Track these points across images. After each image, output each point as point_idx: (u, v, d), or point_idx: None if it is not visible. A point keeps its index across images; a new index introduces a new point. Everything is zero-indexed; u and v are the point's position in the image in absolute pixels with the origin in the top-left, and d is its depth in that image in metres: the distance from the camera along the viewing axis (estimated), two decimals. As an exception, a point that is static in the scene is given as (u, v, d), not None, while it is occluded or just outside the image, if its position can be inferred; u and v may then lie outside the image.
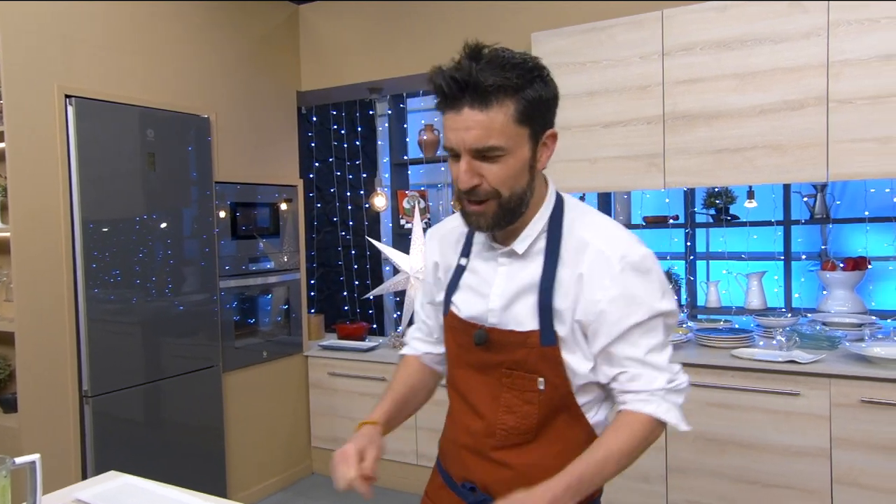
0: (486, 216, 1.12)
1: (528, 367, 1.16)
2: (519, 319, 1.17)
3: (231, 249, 3.37)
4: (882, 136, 2.41)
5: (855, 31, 2.43)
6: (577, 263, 1.14)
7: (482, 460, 1.22)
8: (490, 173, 1.09)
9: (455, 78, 1.04)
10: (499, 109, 1.05)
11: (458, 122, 1.07)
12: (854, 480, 2.43)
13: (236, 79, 3.42)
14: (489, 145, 1.06)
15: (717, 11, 2.65)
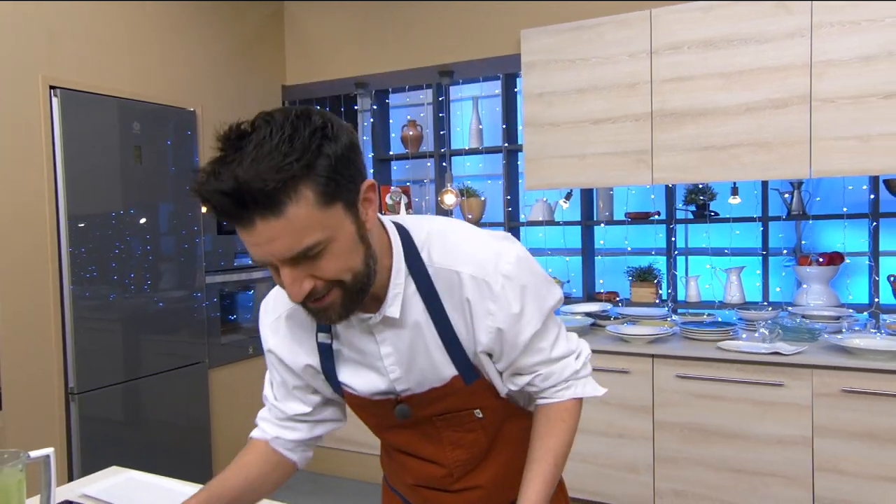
0: (335, 308, 0.93)
1: (461, 408, 1.09)
2: (431, 376, 1.06)
3: (218, 245, 3.33)
4: (862, 135, 2.50)
5: (837, 32, 2.51)
6: (457, 297, 1.02)
7: (447, 493, 1.17)
8: (320, 269, 0.88)
9: (224, 192, 0.80)
10: (296, 206, 0.82)
11: (257, 238, 0.84)
12: (834, 467, 2.52)
13: (222, 72, 3.39)
14: (304, 247, 0.85)
15: (704, 11, 2.71)
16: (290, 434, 1.19)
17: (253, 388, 3.56)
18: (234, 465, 1.19)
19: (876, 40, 2.46)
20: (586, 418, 2.96)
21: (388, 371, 1.07)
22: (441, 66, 3.45)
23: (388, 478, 1.32)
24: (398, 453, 1.19)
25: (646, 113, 2.85)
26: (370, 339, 1.06)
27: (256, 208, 0.81)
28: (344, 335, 1.08)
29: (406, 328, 1.04)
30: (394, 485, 1.29)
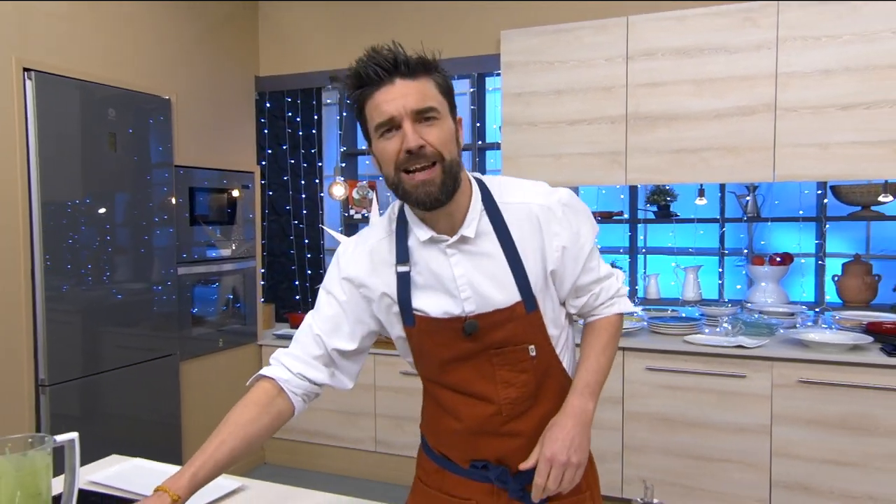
0: (435, 182, 1.14)
1: (517, 340, 1.23)
2: (497, 298, 1.21)
3: (189, 236, 3.29)
4: (822, 143, 2.68)
5: (800, 46, 2.68)
6: (528, 224, 1.23)
7: (493, 437, 1.26)
8: (430, 135, 1.13)
9: (382, 61, 1.12)
10: (425, 80, 1.14)
11: (395, 93, 1.12)
12: (790, 453, 2.70)
13: (196, 62, 3.34)
14: (428, 105, 1.13)
15: (678, 21, 2.85)
16: (311, 373, 1.26)
17: (224, 381, 3.53)
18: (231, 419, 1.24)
19: (835, 56, 2.65)
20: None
21: (459, 291, 1.21)
22: (418, 63, 3.49)
23: (428, 440, 1.37)
24: (451, 396, 1.26)
25: (621, 115, 2.97)
26: (445, 263, 1.22)
27: (399, 72, 1.12)
28: (421, 261, 1.24)
29: (479, 251, 1.22)
30: (435, 445, 1.34)
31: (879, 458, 2.57)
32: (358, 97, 1.17)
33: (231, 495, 1.42)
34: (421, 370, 1.33)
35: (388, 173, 1.18)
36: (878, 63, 2.59)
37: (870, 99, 2.61)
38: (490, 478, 1.26)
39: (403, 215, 1.27)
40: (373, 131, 1.17)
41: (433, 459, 1.35)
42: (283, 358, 1.26)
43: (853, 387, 2.58)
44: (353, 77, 1.16)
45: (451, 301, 1.22)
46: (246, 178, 3.66)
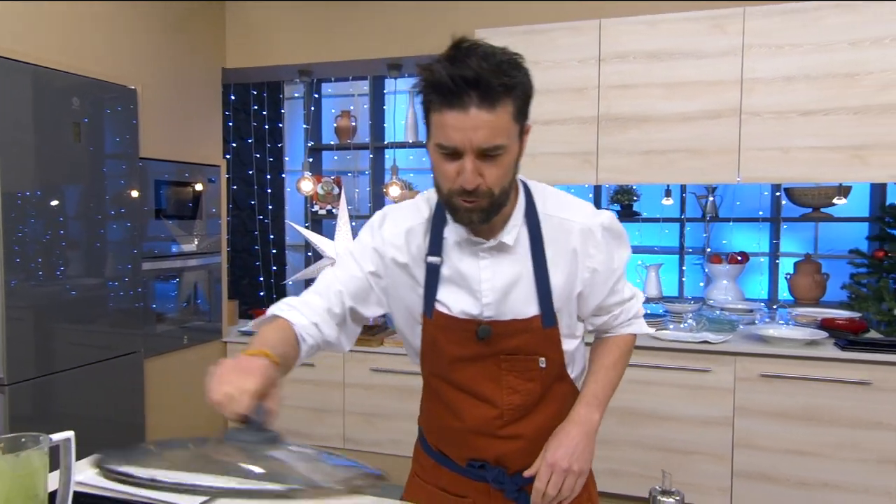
0: (478, 212, 1.12)
1: (529, 350, 1.23)
2: (517, 308, 1.21)
3: (154, 230, 3.20)
4: (784, 147, 2.80)
5: (764, 54, 2.79)
6: (564, 241, 1.22)
7: (492, 439, 1.26)
8: (489, 173, 1.08)
9: (464, 77, 1.02)
10: (503, 109, 1.05)
11: (465, 122, 1.04)
12: (751, 443, 2.81)
13: (163, 52, 3.25)
14: (495, 144, 1.06)
15: (649, 25, 2.92)
16: (325, 328, 1.22)
17: (189, 378, 3.45)
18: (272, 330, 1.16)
19: (796, 64, 2.77)
20: None
21: (482, 295, 1.21)
22: (391, 60, 3.48)
23: (426, 436, 1.37)
24: (454, 394, 1.27)
25: (592, 116, 3.03)
26: (474, 264, 1.22)
27: (480, 96, 1.03)
28: (452, 258, 1.23)
29: (510, 259, 1.21)
30: (434, 441, 1.35)
31: (834, 448, 2.70)
32: (428, 100, 1.09)
33: (226, 493, 1.39)
34: (427, 364, 1.32)
35: (440, 185, 1.15)
36: (836, 72, 2.72)
37: (828, 106, 2.74)
38: (487, 478, 1.27)
39: (443, 207, 1.24)
40: (433, 140, 1.12)
41: (430, 455, 1.36)
42: (298, 305, 1.21)
43: (810, 380, 2.71)
44: (428, 81, 1.07)
45: (472, 302, 1.22)
46: (212, 171, 3.58)
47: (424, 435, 1.40)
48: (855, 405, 2.68)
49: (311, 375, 3.53)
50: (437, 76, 1.04)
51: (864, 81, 2.69)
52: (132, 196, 3.00)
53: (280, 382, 1.03)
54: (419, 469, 1.39)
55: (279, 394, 1.00)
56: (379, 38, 3.41)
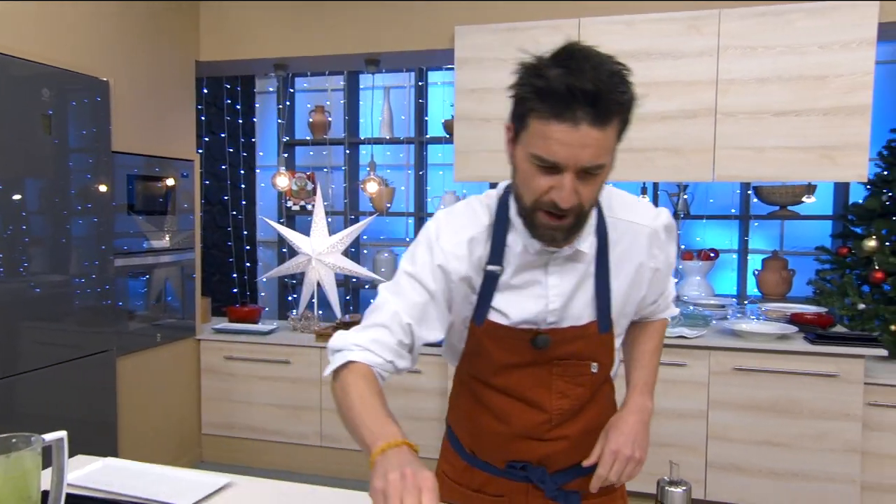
0: (563, 230, 1.07)
1: (582, 356, 1.21)
2: (576, 314, 1.19)
3: (127, 225, 3.13)
4: (757, 146, 2.87)
5: (739, 55, 2.86)
6: (630, 244, 1.20)
7: (538, 442, 1.25)
8: (585, 191, 1.03)
9: (583, 90, 0.94)
10: (612, 128, 0.99)
11: (574, 139, 0.97)
12: (724, 435, 2.88)
13: (136, 44, 3.17)
14: (599, 163, 1.00)
15: (627, 25, 2.97)
16: (401, 362, 1.17)
17: (162, 376, 3.39)
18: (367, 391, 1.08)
19: (770, 66, 2.84)
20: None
21: (550, 301, 1.18)
22: (369, 55, 3.46)
23: (460, 437, 1.35)
24: (500, 399, 1.24)
25: (571, 115, 3.05)
26: (541, 272, 1.18)
27: (594, 113, 0.96)
28: (515, 264, 1.17)
29: (580, 265, 1.18)
30: (468, 445, 1.32)
31: (804, 439, 2.79)
32: (530, 105, 1.00)
33: (219, 492, 1.38)
34: (468, 367, 1.29)
35: (522, 194, 1.09)
36: (807, 74, 2.80)
37: (799, 107, 2.82)
38: (529, 478, 1.26)
39: (506, 212, 1.18)
40: (526, 146, 1.04)
41: (463, 457, 1.34)
42: (368, 345, 1.14)
43: (781, 373, 2.79)
44: (535, 87, 0.98)
45: (536, 309, 1.18)
46: (185, 166, 3.51)
47: (457, 435, 1.36)
48: (822, 397, 2.77)
49: (287, 373, 3.50)
50: (553, 84, 0.96)
51: (833, 84, 2.78)
52: (102, 190, 2.93)
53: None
54: (449, 469, 1.37)
55: None
56: (357, 33, 3.38)
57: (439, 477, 1.38)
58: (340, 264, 3.76)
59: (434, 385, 3.30)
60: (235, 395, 3.59)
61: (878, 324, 3.11)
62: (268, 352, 3.54)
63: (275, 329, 3.71)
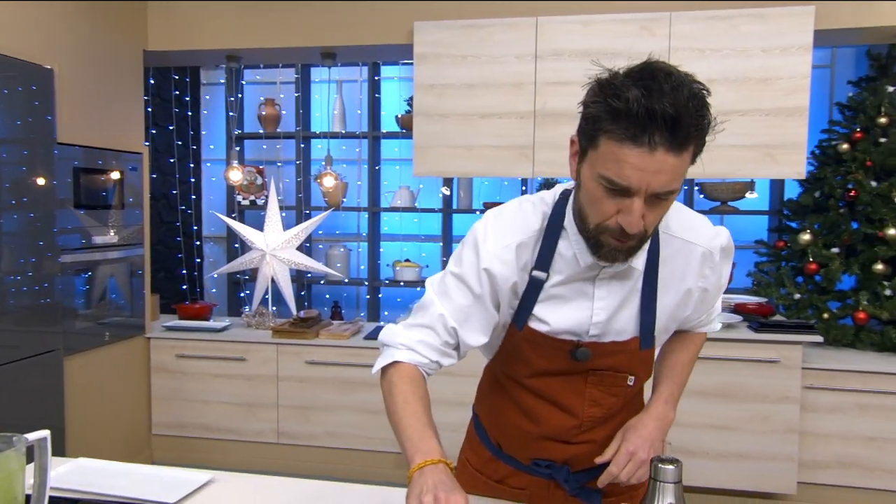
0: (625, 252, 1.06)
1: (620, 369, 1.20)
2: (619, 329, 1.17)
3: (73, 220, 3.01)
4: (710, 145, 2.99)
5: (689, 56, 2.98)
6: (683, 263, 1.17)
7: (566, 444, 1.26)
8: (651, 215, 1.00)
9: (664, 115, 0.91)
10: (688, 155, 0.97)
11: (649, 164, 0.93)
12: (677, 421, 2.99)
13: (81, 31, 3.05)
14: (670, 189, 0.97)
15: (582, 25, 3.05)
16: (446, 361, 1.18)
17: (112, 376, 3.27)
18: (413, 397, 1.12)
19: (717, 67, 2.97)
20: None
21: (594, 314, 1.16)
22: (325, 48, 3.43)
23: (487, 429, 1.36)
24: (532, 400, 1.25)
25: (529, 111, 3.12)
26: (588, 284, 1.16)
27: (671, 139, 0.92)
28: (564, 272, 1.15)
29: (626, 286, 1.15)
30: (495, 437, 1.33)
31: (749, 421, 2.95)
32: (603, 125, 0.96)
33: (203, 488, 1.36)
34: (502, 365, 1.29)
35: (586, 214, 1.06)
36: (751, 77, 2.95)
37: (744, 108, 2.96)
38: (553, 475, 1.28)
39: (560, 220, 1.15)
40: (595, 165, 1.00)
41: (489, 448, 1.35)
42: (414, 345, 1.16)
43: (728, 360, 2.94)
44: (610, 108, 0.95)
45: (579, 321, 1.17)
46: (133, 159, 3.40)
47: (485, 428, 1.37)
48: (765, 382, 2.93)
49: (243, 370, 3.44)
50: (631, 106, 0.92)
51: (774, 86, 2.93)
52: (41, 183, 2.80)
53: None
54: (473, 458, 1.38)
55: None
56: (313, 26, 3.35)
57: (462, 464, 1.40)
58: (296, 260, 3.72)
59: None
60: (188, 393, 3.51)
61: (812, 312, 3.31)
62: (222, 349, 3.47)
63: (228, 326, 3.64)
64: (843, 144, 3.35)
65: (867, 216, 3.26)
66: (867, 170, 3.29)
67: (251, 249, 3.76)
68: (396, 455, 3.33)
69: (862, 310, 3.16)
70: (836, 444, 2.97)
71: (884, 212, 3.18)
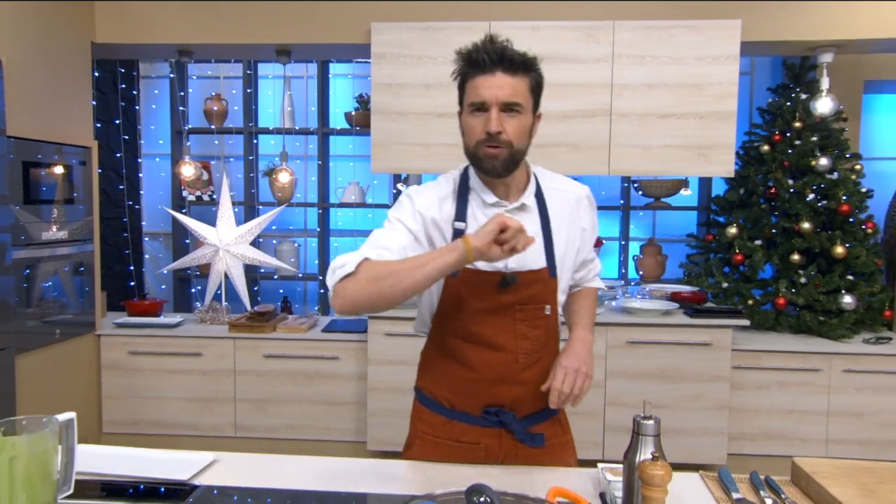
0: (500, 159, 1.39)
1: (538, 300, 1.47)
2: (531, 260, 1.45)
3: (21, 216, 2.94)
4: (646, 145, 3.24)
5: (630, 62, 3.20)
6: (563, 206, 1.52)
7: (507, 385, 1.47)
8: (509, 126, 1.38)
9: (494, 50, 1.37)
10: (522, 78, 1.39)
11: (492, 82, 1.36)
12: (619, 401, 3.24)
13: (29, 22, 2.98)
14: (515, 101, 1.37)
15: (532, 30, 3.22)
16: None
17: (63, 373, 3.22)
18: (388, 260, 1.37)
19: (656, 73, 3.21)
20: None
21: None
22: (280, 45, 3.47)
23: (437, 396, 1.54)
24: (470, 349, 1.47)
25: (483, 111, 3.27)
26: None
27: (504, 65, 1.37)
28: (480, 220, 1.45)
29: (527, 219, 1.46)
30: (447, 399, 1.51)
31: (684, 400, 3.21)
32: (464, 74, 1.42)
33: (208, 468, 1.44)
34: (440, 328, 1.51)
35: (468, 143, 1.44)
36: (686, 83, 3.20)
37: (680, 111, 3.22)
38: (501, 421, 1.46)
39: (466, 181, 1.51)
40: (466, 105, 1.43)
41: (441, 412, 1.52)
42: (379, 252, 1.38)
43: (666, 344, 3.19)
44: (465, 57, 1.42)
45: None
46: (81, 153, 3.34)
47: (433, 396, 1.55)
48: (699, 363, 3.20)
49: (198, 365, 3.45)
50: (473, 55, 1.39)
51: (707, 92, 3.20)
52: None
53: None
54: (427, 427, 1.54)
55: None
56: (269, 23, 3.38)
57: (420, 437, 1.55)
58: (250, 255, 3.74)
59: (351, 370, 3.40)
60: (141, 390, 3.48)
61: (738, 299, 3.62)
62: (177, 344, 3.46)
63: (182, 322, 3.63)
64: (764, 146, 3.68)
65: (785, 212, 3.59)
66: (785, 169, 3.62)
67: (204, 245, 3.75)
68: (355, 444, 3.42)
69: (781, 296, 3.48)
70: (761, 418, 3.27)
71: (799, 207, 3.52)
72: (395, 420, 3.28)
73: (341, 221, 4.72)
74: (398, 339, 3.26)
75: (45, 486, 1.11)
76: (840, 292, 3.43)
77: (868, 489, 1.30)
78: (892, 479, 1.36)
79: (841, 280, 3.44)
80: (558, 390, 1.41)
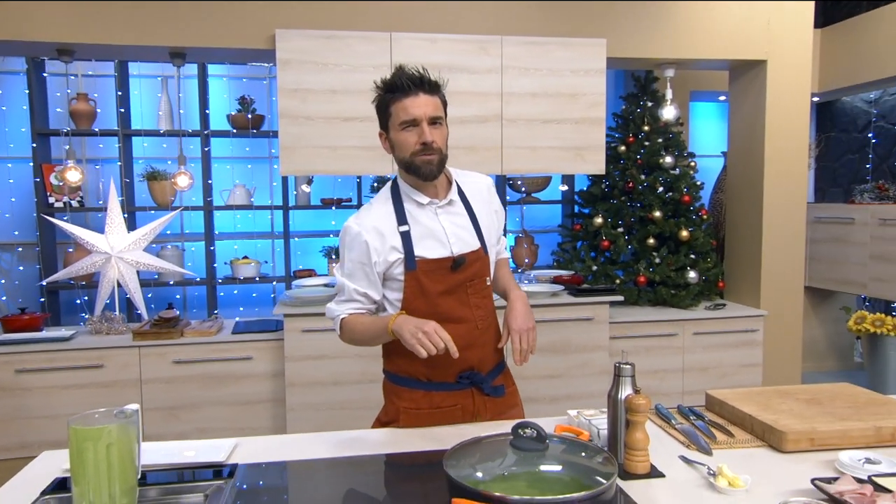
0: (434, 163, 1.69)
1: (481, 274, 1.80)
2: (469, 243, 1.78)
3: None
4: (532, 146, 3.65)
5: (516, 73, 3.59)
6: (478, 196, 1.86)
7: (472, 349, 1.77)
8: (437, 136, 1.69)
9: (413, 77, 1.67)
10: (437, 97, 1.71)
11: (418, 102, 1.66)
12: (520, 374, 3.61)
13: None
14: (438, 115, 1.69)
15: (430, 42, 3.49)
16: (373, 306, 1.82)
17: None
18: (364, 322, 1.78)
19: (538, 84, 3.63)
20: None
21: (448, 239, 1.76)
22: (175, 48, 3.43)
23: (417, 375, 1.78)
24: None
25: (387, 116, 3.48)
26: (435, 220, 1.77)
27: (427, 88, 1.68)
28: (418, 222, 1.74)
29: (455, 212, 1.79)
30: (423, 374, 1.77)
31: (573, 369, 3.67)
32: (389, 99, 1.70)
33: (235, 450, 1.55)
34: (412, 312, 1.72)
35: (403, 155, 1.71)
36: (564, 92, 3.66)
37: (559, 117, 3.67)
38: (474, 381, 1.76)
39: (398, 190, 1.80)
40: (395, 125, 1.70)
41: (419, 387, 1.77)
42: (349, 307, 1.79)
43: (557, 321, 3.63)
44: (388, 85, 1.71)
45: (442, 246, 1.76)
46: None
47: (409, 375, 1.79)
48: (583, 336, 3.68)
49: (99, 377, 3.32)
50: (395, 81, 1.68)
51: (580, 101, 3.68)
52: None
53: None
54: (409, 403, 1.78)
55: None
56: (166, 25, 3.33)
57: (403, 413, 1.79)
58: (145, 261, 3.64)
59: (266, 369, 3.46)
60: (31, 410, 3.27)
61: (605, 280, 4.18)
62: (72, 358, 3.30)
63: (75, 334, 3.45)
64: (621, 147, 4.27)
65: (641, 202, 4.21)
66: (638, 167, 4.24)
67: (92, 253, 3.58)
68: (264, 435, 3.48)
69: (641, 275, 4.09)
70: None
71: (651, 199, 4.14)
72: (314, 413, 3.40)
73: (229, 226, 4.67)
74: (315, 335, 3.39)
75: (132, 470, 1.20)
76: (686, 269, 4.10)
77: (763, 405, 1.75)
78: (776, 396, 1.83)
79: (686, 259, 4.12)
80: (519, 349, 1.74)
